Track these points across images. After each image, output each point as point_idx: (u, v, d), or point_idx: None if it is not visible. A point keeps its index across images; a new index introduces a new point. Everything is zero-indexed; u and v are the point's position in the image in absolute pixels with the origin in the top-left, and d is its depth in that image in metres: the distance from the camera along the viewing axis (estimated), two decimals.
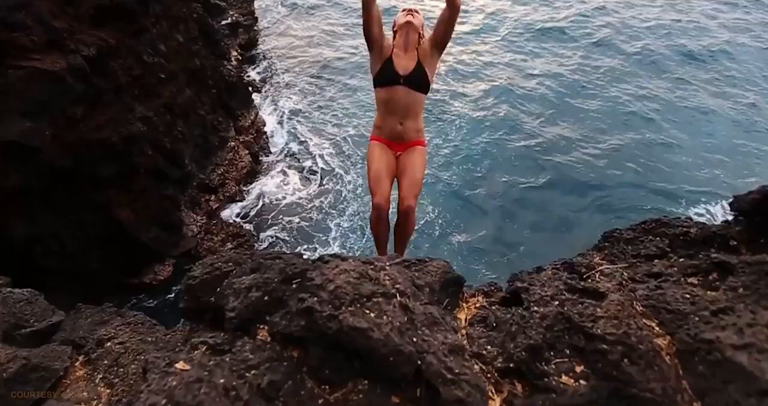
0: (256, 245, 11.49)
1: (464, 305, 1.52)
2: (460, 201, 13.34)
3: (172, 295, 10.20)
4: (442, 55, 3.50)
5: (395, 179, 3.24)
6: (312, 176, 13.86)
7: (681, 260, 1.38)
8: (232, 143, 12.54)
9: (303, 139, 15.19)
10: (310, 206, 12.93)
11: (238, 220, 11.88)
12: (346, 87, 17.58)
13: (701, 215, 13.12)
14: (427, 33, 3.41)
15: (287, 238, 11.93)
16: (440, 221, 12.71)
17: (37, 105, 7.26)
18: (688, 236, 1.44)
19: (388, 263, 1.34)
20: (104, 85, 8.45)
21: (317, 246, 11.82)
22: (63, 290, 8.76)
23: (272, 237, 11.88)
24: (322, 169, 14.17)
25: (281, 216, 12.44)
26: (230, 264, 1.46)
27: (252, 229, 11.89)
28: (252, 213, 12.27)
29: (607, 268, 1.42)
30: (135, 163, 9.09)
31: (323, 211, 12.86)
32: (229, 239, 11.14)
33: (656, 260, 1.42)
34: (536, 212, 13.09)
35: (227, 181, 12.03)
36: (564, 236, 12.54)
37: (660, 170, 14.77)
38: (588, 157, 15.14)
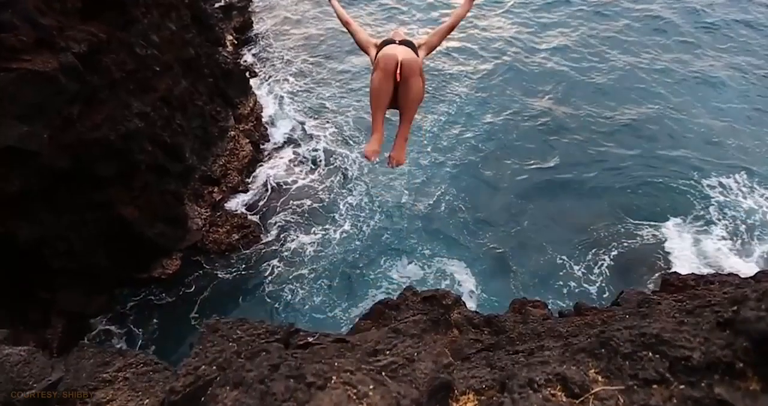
0: (262, 235, 11.57)
1: (454, 405, 1.48)
2: (467, 180, 13.31)
3: (181, 288, 10.42)
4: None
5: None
6: (316, 159, 13.75)
7: (681, 387, 1.30)
8: (232, 133, 12.38)
9: (304, 121, 14.96)
10: (317, 187, 12.92)
11: (243, 210, 11.88)
12: (342, 64, 17.14)
13: (713, 188, 12.98)
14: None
15: (300, 220, 11.99)
16: (448, 197, 12.75)
17: (32, 108, 7.14)
18: (690, 361, 1.33)
19: (374, 373, 1.27)
20: (98, 83, 8.27)
21: (329, 226, 11.93)
22: (74, 288, 8.96)
23: (282, 222, 11.91)
24: (325, 149, 14.03)
25: (290, 200, 12.45)
26: (214, 368, 1.42)
27: (259, 218, 11.91)
28: (258, 201, 12.27)
29: (603, 390, 1.35)
30: (135, 160, 9.03)
31: (332, 191, 12.86)
32: (235, 230, 11.20)
33: (655, 386, 1.34)
34: (542, 189, 13.05)
35: (229, 171, 11.96)
36: (570, 212, 12.56)
37: (671, 144, 14.49)
38: (595, 133, 14.84)
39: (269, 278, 10.86)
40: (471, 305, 10.47)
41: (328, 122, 14.97)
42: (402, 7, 20.12)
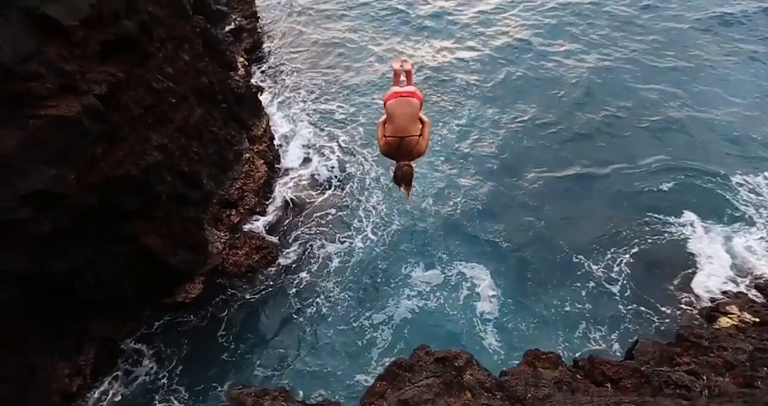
0: (280, 254, 11.84)
1: None
2: (483, 184, 13.48)
3: (207, 309, 10.75)
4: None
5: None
6: (330, 171, 14.01)
7: None
8: (247, 155, 12.69)
9: (315, 135, 15.24)
10: (333, 200, 13.18)
11: (262, 231, 12.15)
12: (350, 76, 17.38)
13: (741, 185, 12.87)
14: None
15: (318, 235, 12.27)
16: (464, 201, 12.95)
17: (59, 152, 7.50)
18: None
19: None
20: (118, 121, 8.62)
21: (348, 238, 12.25)
22: (104, 316, 9.38)
23: (301, 238, 12.17)
24: (339, 160, 14.30)
25: (308, 216, 12.74)
26: None
27: (278, 236, 12.19)
28: (276, 220, 12.54)
29: None
30: (156, 191, 9.36)
31: (348, 203, 13.11)
32: (254, 251, 11.50)
33: None
34: (560, 191, 13.16)
35: (246, 193, 12.26)
36: (590, 213, 12.58)
37: (692, 141, 14.38)
38: (611, 135, 14.80)
39: (292, 293, 11.14)
40: (491, 309, 10.71)
41: (339, 133, 15.23)
42: (412, 20, 20.19)
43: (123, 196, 8.69)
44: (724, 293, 10.81)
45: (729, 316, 9.96)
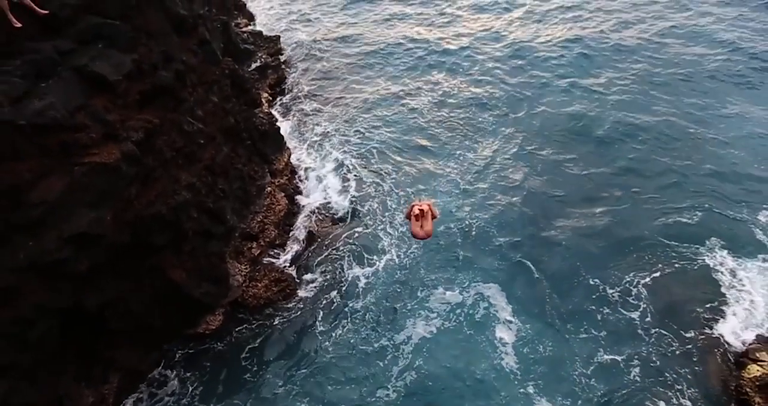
0: (299, 287, 12.16)
1: None
2: (501, 210, 13.72)
3: (224, 341, 11.12)
4: None
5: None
6: (349, 200, 14.41)
7: None
8: (269, 188, 13.21)
9: (335, 164, 15.73)
10: (352, 229, 13.54)
11: (281, 263, 12.53)
12: (366, 106, 17.96)
13: None
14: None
15: (337, 263, 12.62)
16: (481, 225, 13.22)
17: (99, 195, 8.08)
18: None
19: None
20: (152, 163, 9.22)
21: (375, 257, 12.67)
22: (131, 346, 9.81)
23: (321, 267, 12.56)
24: (357, 187, 14.71)
25: (330, 243, 13.13)
26: None
27: (297, 268, 12.53)
28: (296, 252, 12.92)
29: None
30: (184, 228, 9.88)
31: (366, 230, 13.47)
32: (272, 284, 11.86)
33: None
34: (579, 223, 13.26)
35: (267, 226, 12.72)
36: (610, 242, 12.68)
37: (719, 177, 14.39)
38: (635, 169, 14.83)
39: (311, 319, 11.46)
40: (508, 331, 10.85)
41: (356, 160, 15.70)
42: (431, 55, 20.76)
43: (154, 234, 9.20)
44: (758, 336, 10.49)
45: (759, 364, 9.67)
